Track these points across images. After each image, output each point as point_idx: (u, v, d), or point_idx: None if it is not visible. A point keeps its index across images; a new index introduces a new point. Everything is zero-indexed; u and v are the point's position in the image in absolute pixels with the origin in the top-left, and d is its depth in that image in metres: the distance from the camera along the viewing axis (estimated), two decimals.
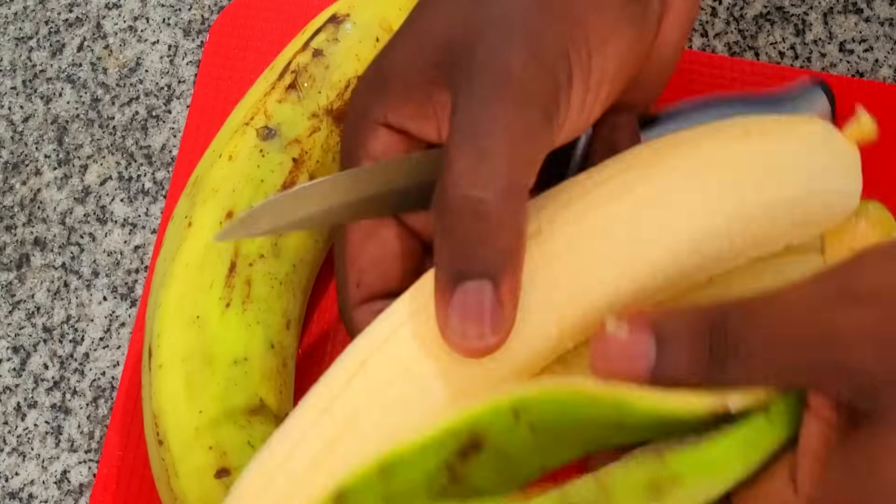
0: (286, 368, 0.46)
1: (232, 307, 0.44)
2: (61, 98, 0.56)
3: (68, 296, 0.52)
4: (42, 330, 0.52)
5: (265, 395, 0.44)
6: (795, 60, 0.55)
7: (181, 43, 0.57)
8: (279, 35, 0.55)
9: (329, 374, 0.36)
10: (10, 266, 0.53)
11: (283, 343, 0.45)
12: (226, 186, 0.46)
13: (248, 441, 0.43)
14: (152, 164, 0.55)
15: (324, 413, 0.35)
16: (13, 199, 0.54)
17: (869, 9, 0.56)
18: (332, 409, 0.35)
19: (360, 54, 0.48)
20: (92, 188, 0.54)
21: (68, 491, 0.49)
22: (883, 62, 0.55)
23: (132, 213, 0.54)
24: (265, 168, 0.46)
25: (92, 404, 0.50)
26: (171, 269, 0.45)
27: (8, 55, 0.57)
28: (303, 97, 0.47)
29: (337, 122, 0.48)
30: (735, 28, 0.56)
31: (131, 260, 0.53)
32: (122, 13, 0.58)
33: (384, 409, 0.35)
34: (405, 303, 0.36)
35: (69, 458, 0.50)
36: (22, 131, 0.56)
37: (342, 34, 0.49)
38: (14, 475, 0.50)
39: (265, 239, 0.45)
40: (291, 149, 0.47)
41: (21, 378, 0.51)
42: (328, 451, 0.34)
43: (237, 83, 0.55)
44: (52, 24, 0.58)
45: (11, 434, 0.50)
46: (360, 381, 0.35)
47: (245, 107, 0.48)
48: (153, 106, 0.56)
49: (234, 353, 0.44)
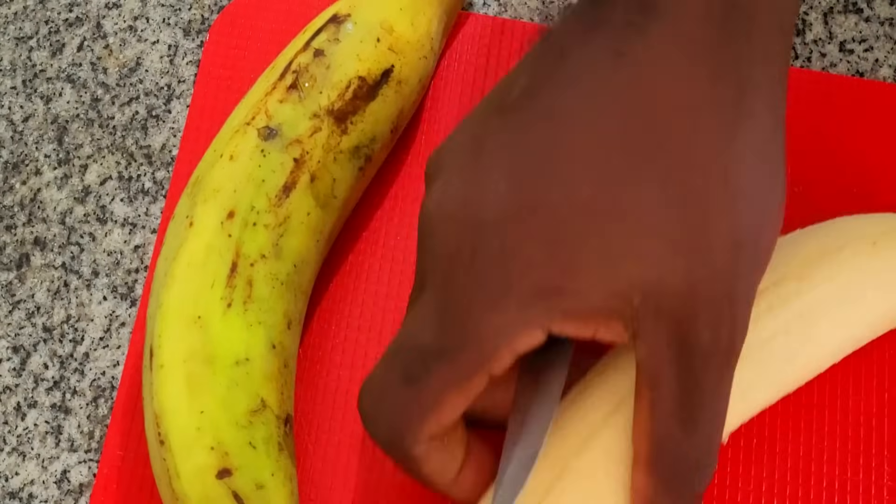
0: (287, 369, 0.46)
1: (233, 307, 0.44)
2: (61, 98, 0.56)
3: (68, 296, 0.52)
4: (42, 330, 0.52)
5: (266, 396, 0.44)
6: (795, 60, 0.55)
7: (181, 43, 0.57)
8: (279, 35, 0.55)
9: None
10: (10, 266, 0.53)
11: (285, 343, 0.45)
12: (227, 186, 0.46)
13: (250, 442, 0.43)
14: (152, 163, 0.55)
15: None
16: (13, 199, 0.54)
17: (869, 9, 0.56)
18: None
19: (361, 54, 0.48)
20: (92, 188, 0.54)
21: (68, 491, 0.49)
22: (883, 62, 0.55)
23: (132, 213, 0.54)
24: (266, 168, 0.46)
25: (92, 404, 0.50)
26: (173, 268, 0.45)
27: (8, 55, 0.57)
28: (304, 97, 0.47)
29: (338, 122, 0.48)
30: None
31: (131, 260, 0.53)
32: (122, 13, 0.58)
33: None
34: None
35: (69, 458, 0.50)
36: (22, 131, 0.56)
37: (343, 34, 0.49)
38: (14, 475, 0.50)
39: (266, 239, 0.45)
40: (293, 149, 0.47)
41: (21, 378, 0.51)
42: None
43: (237, 83, 0.55)
44: (52, 24, 0.58)
45: (11, 434, 0.50)
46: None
47: (246, 107, 0.48)
48: (153, 106, 0.56)
49: (236, 354, 0.44)
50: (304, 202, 0.47)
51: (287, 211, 0.46)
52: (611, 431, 0.39)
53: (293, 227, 0.46)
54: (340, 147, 0.48)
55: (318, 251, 0.48)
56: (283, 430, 0.44)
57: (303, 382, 0.49)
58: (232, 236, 0.45)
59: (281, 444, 0.44)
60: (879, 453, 0.47)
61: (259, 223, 0.45)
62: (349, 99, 0.48)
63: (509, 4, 0.57)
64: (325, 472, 0.48)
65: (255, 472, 0.43)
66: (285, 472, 0.44)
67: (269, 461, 0.43)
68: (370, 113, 0.48)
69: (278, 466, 0.43)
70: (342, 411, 0.49)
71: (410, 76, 0.50)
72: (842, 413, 0.48)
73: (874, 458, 0.47)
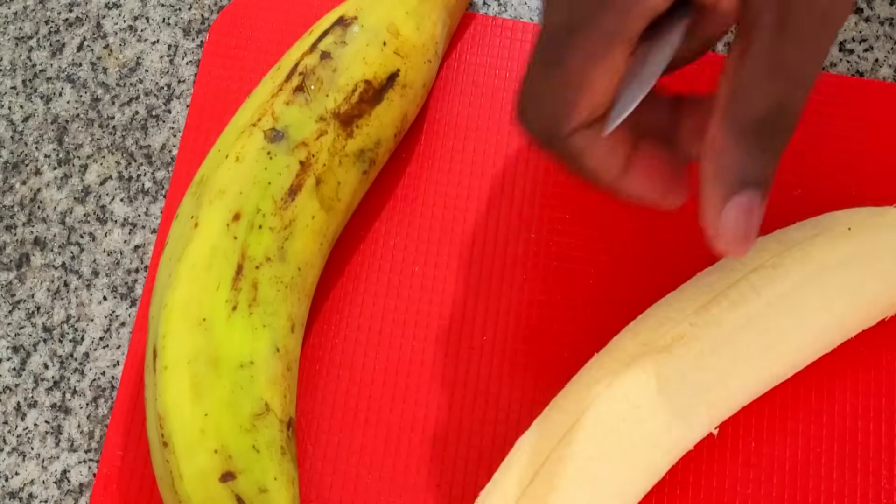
0: (290, 372, 0.46)
1: (238, 310, 0.44)
2: (61, 98, 0.56)
3: (68, 295, 0.52)
4: (42, 330, 0.52)
5: (270, 400, 0.44)
6: None
7: (181, 43, 0.57)
8: (279, 35, 0.55)
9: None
10: (10, 266, 0.53)
11: (288, 347, 0.45)
12: (233, 188, 0.45)
13: (253, 445, 0.43)
14: (152, 163, 0.54)
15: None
16: (13, 198, 0.54)
17: (869, 8, 0.56)
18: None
19: (368, 58, 0.48)
20: (92, 188, 0.54)
21: (68, 491, 0.49)
22: (883, 62, 0.55)
23: (132, 213, 0.54)
24: (272, 170, 0.46)
25: (92, 404, 0.50)
26: (177, 269, 0.45)
27: (8, 55, 0.57)
28: (310, 100, 0.47)
29: (343, 125, 0.48)
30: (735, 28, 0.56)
31: (131, 260, 0.53)
32: (122, 13, 0.58)
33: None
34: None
35: (69, 458, 0.50)
36: (22, 131, 0.55)
37: (350, 37, 0.48)
38: (14, 475, 0.50)
39: (272, 242, 0.45)
40: (298, 152, 0.47)
41: (21, 378, 0.51)
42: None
43: (237, 83, 0.55)
44: (52, 24, 0.58)
45: (11, 434, 0.50)
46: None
47: (252, 107, 0.48)
48: (153, 106, 0.56)
49: (241, 357, 0.44)
50: (309, 205, 0.46)
51: (292, 214, 0.46)
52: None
53: (298, 230, 0.46)
54: (346, 151, 0.48)
55: (321, 254, 0.48)
56: (286, 433, 0.44)
57: (303, 383, 0.49)
58: (238, 238, 0.45)
59: (284, 448, 0.44)
60: (877, 457, 0.47)
61: (265, 226, 0.45)
62: (355, 102, 0.48)
63: (509, 4, 0.57)
64: (325, 473, 0.48)
65: (258, 476, 0.43)
66: (288, 475, 0.44)
67: (272, 465, 0.43)
68: (375, 117, 0.48)
69: (281, 470, 0.43)
70: (342, 412, 0.49)
71: (415, 80, 0.50)
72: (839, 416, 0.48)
73: (871, 462, 0.47)
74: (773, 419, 0.48)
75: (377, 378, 0.49)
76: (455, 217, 0.52)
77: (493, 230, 0.51)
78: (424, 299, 0.51)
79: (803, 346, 0.45)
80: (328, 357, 0.50)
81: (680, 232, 0.51)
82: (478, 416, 0.49)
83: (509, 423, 0.48)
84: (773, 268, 0.44)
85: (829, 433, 0.48)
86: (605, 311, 0.50)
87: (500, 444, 0.48)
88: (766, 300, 0.44)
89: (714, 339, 0.43)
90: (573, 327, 0.50)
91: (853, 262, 0.45)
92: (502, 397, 0.49)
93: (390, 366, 0.49)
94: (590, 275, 0.51)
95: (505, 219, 0.52)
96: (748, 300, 0.44)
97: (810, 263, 0.44)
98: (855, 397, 0.48)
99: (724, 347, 0.43)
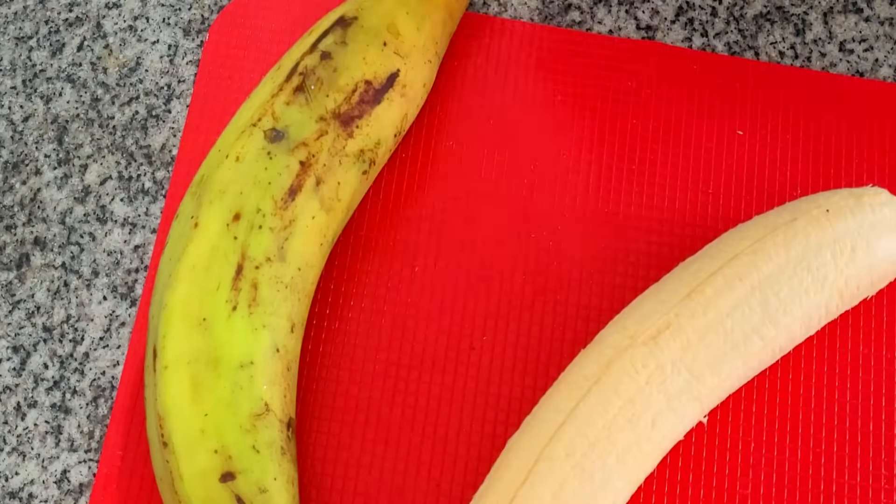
0: (290, 372, 0.46)
1: (238, 310, 0.44)
2: (61, 98, 0.56)
3: (68, 295, 0.52)
4: (42, 329, 0.52)
5: (270, 400, 0.44)
6: (795, 60, 0.55)
7: (181, 43, 0.57)
8: (279, 35, 0.55)
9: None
10: (10, 266, 0.53)
11: (288, 347, 0.45)
12: (233, 188, 0.45)
13: (253, 445, 0.43)
14: (152, 163, 0.54)
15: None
16: (13, 198, 0.54)
17: (869, 8, 0.56)
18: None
19: (368, 58, 0.48)
20: (92, 188, 0.54)
21: (68, 491, 0.49)
22: (883, 62, 0.55)
23: (132, 213, 0.54)
24: (273, 171, 0.46)
25: (92, 404, 0.50)
26: (177, 269, 0.45)
27: (8, 55, 0.57)
28: (310, 100, 0.47)
29: (343, 126, 0.48)
30: (735, 28, 0.56)
31: (131, 260, 0.53)
32: (122, 13, 0.58)
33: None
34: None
35: (69, 458, 0.50)
36: (22, 131, 0.55)
37: (350, 37, 0.48)
38: (14, 475, 0.50)
39: (272, 242, 0.45)
40: (299, 152, 0.47)
41: (21, 378, 0.51)
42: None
43: (237, 83, 0.55)
44: (52, 24, 0.58)
45: (11, 434, 0.50)
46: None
47: (252, 107, 0.48)
48: (153, 106, 0.56)
49: (240, 357, 0.44)
50: (309, 205, 0.46)
51: (292, 214, 0.46)
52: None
53: (298, 230, 0.46)
54: (346, 151, 0.47)
55: (321, 254, 0.48)
56: (286, 433, 0.44)
57: (303, 383, 0.49)
58: (238, 239, 0.45)
59: (283, 448, 0.44)
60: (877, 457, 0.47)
61: (265, 226, 0.45)
62: (355, 103, 0.48)
63: (509, 4, 0.57)
64: (324, 473, 0.48)
65: (258, 477, 0.43)
66: (287, 475, 0.44)
67: (272, 465, 0.43)
68: (375, 117, 0.48)
69: (281, 471, 0.43)
70: (342, 412, 0.49)
71: (415, 80, 0.50)
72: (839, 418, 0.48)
73: (871, 461, 0.47)
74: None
75: (377, 378, 0.49)
76: (455, 217, 0.52)
77: (493, 230, 0.51)
78: (424, 299, 0.51)
79: (789, 329, 0.45)
80: (328, 358, 0.50)
81: (680, 232, 0.51)
82: (478, 416, 0.49)
83: (509, 423, 0.48)
84: (753, 254, 0.45)
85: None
86: (605, 311, 0.50)
87: (500, 444, 0.48)
88: (749, 286, 0.44)
89: (700, 328, 0.43)
90: (573, 327, 0.50)
91: (834, 243, 0.45)
92: (502, 397, 0.49)
93: (390, 366, 0.49)
94: (590, 274, 0.51)
95: (505, 219, 0.52)
96: (732, 286, 0.44)
97: (792, 247, 0.45)
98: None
99: (711, 335, 0.44)
